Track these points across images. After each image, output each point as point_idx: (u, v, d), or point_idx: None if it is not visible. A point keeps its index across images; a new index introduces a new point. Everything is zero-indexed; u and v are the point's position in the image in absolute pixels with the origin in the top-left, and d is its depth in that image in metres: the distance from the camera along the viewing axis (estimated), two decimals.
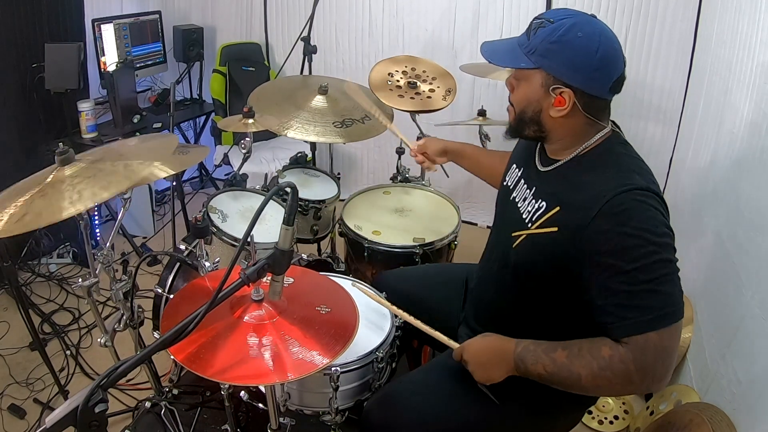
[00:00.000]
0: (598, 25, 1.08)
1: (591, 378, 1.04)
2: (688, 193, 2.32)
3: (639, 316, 0.99)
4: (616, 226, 1.01)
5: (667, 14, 2.61)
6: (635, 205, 1.02)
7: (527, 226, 1.18)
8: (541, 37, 1.08)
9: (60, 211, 1.07)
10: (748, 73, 1.79)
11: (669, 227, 1.04)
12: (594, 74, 1.07)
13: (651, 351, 0.99)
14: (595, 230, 1.03)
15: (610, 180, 1.06)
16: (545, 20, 1.09)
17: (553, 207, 1.13)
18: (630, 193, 1.02)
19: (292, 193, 0.97)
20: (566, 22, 1.07)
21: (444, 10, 3.01)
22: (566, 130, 1.15)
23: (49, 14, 2.68)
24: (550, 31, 1.07)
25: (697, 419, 1.50)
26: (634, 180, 1.05)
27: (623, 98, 3.34)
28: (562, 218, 1.11)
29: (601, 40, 1.06)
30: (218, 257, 1.63)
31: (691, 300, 2.00)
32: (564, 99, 1.09)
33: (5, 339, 2.32)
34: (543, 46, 1.08)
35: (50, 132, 2.70)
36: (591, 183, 1.08)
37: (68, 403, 0.75)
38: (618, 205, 1.02)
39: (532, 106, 1.15)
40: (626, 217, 1.01)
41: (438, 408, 1.28)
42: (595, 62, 1.06)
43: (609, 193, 1.03)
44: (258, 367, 0.98)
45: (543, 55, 1.08)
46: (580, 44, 1.05)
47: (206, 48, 3.43)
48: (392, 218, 2.02)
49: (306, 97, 2.06)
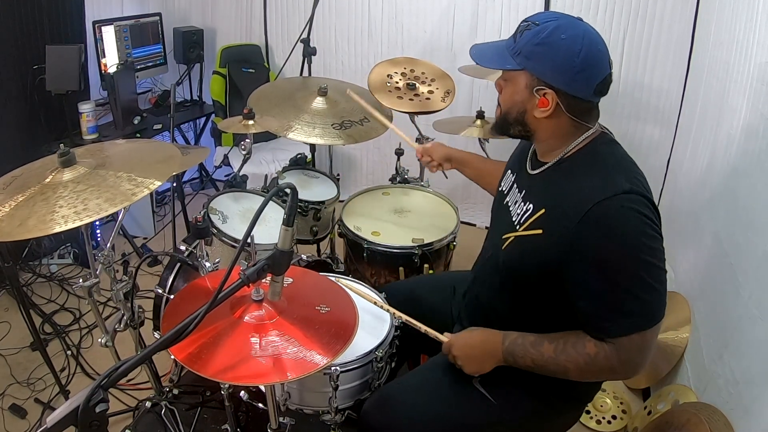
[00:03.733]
0: (582, 27, 1.10)
1: (578, 371, 1.12)
2: (685, 194, 2.33)
3: (623, 320, 1.04)
4: (599, 235, 1.03)
5: (665, 16, 2.61)
6: (618, 213, 1.03)
7: (516, 228, 1.20)
8: (526, 39, 1.10)
9: (66, 221, 1.09)
10: (745, 75, 1.80)
11: (655, 229, 1.05)
12: (577, 76, 1.08)
13: (634, 349, 1.05)
14: (578, 237, 1.05)
15: (594, 184, 1.07)
16: (531, 23, 1.11)
17: (539, 209, 1.15)
18: (613, 199, 1.03)
19: (291, 194, 0.98)
20: (550, 25, 1.08)
21: (443, 12, 3.02)
22: (550, 131, 1.16)
23: (49, 16, 2.69)
24: (535, 33, 1.09)
25: (694, 419, 1.51)
26: (617, 183, 1.05)
27: (621, 99, 3.34)
28: (547, 221, 1.13)
29: (585, 42, 1.07)
30: (218, 258, 1.63)
31: (688, 300, 2.01)
32: (547, 100, 1.10)
33: (6, 339, 2.32)
34: (527, 47, 1.10)
35: (51, 133, 2.71)
36: (575, 186, 1.10)
37: (69, 402, 0.75)
38: (601, 214, 1.03)
39: (517, 107, 1.17)
40: (608, 227, 1.03)
41: (435, 408, 1.28)
42: (578, 64, 1.06)
43: (592, 200, 1.04)
44: (258, 366, 0.99)
45: (527, 57, 1.10)
46: (563, 46, 1.07)
47: (206, 50, 3.44)
48: (391, 219, 2.03)
49: (306, 98, 2.07)
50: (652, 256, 1.03)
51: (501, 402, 1.27)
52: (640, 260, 1.02)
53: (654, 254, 1.04)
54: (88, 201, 1.13)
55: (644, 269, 1.02)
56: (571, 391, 1.28)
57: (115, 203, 1.13)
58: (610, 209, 1.03)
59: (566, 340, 1.12)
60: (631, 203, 1.04)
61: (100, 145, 1.48)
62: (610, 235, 1.03)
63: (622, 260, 1.02)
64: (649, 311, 1.04)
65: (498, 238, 1.26)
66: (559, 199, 1.12)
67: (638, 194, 1.05)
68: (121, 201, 1.14)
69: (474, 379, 1.28)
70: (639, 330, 1.04)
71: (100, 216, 1.11)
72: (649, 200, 1.07)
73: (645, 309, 1.03)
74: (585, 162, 1.14)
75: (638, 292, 1.02)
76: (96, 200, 1.14)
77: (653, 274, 1.03)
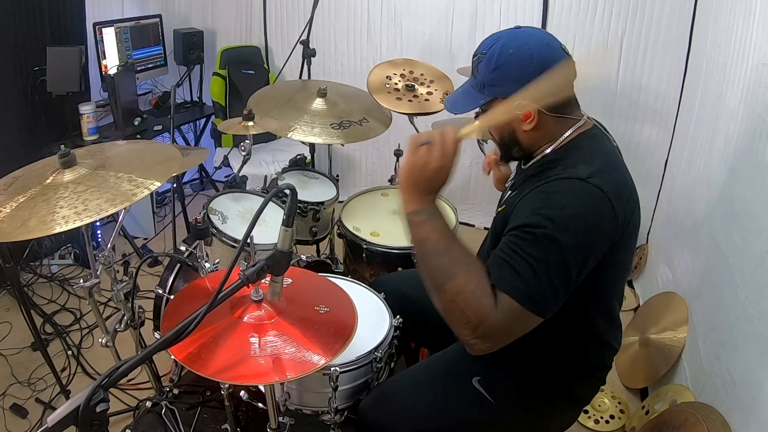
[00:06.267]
0: (524, 34, 1.14)
1: (458, 289, 1.03)
2: (682, 195, 2.34)
3: (512, 278, 1.01)
4: (537, 202, 1.07)
5: (663, 17, 2.62)
6: (562, 191, 1.06)
7: (496, 211, 1.28)
8: (483, 71, 1.15)
9: (66, 221, 1.10)
10: (742, 76, 1.81)
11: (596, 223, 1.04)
12: (539, 78, 1.10)
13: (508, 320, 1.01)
14: (521, 202, 1.10)
15: (562, 171, 1.10)
16: (480, 54, 1.16)
17: (513, 192, 1.22)
18: (565, 181, 1.07)
19: (291, 195, 0.98)
20: (496, 47, 1.12)
21: (441, 14, 3.03)
22: (542, 136, 1.19)
23: (50, 18, 2.70)
24: (487, 61, 1.13)
25: (692, 419, 1.52)
26: (577, 169, 1.08)
27: (618, 101, 3.34)
28: (511, 198, 1.18)
29: (531, 46, 1.10)
30: (218, 258, 1.64)
31: (686, 300, 2.02)
32: (529, 112, 1.13)
33: (7, 339, 2.33)
34: (487, 77, 1.14)
35: (52, 134, 2.72)
36: (546, 172, 1.14)
37: (70, 402, 0.76)
38: (548, 188, 1.08)
39: (506, 132, 1.21)
40: (547, 199, 1.06)
41: (432, 406, 1.29)
42: (535, 68, 1.09)
43: (548, 178, 1.09)
44: (258, 366, 1.00)
45: (492, 85, 1.14)
46: (515, 60, 1.10)
47: (206, 51, 3.45)
48: (390, 220, 2.03)
49: (305, 99, 2.07)
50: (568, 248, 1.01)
51: (499, 401, 1.27)
52: (554, 242, 1.00)
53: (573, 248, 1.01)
54: (88, 201, 1.14)
55: (553, 253, 1.01)
56: (569, 392, 1.29)
57: (116, 204, 1.14)
58: (558, 186, 1.07)
59: (480, 265, 1.07)
60: (581, 190, 1.05)
61: (101, 146, 1.49)
62: (545, 206, 1.04)
63: (540, 229, 1.01)
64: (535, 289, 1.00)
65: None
66: (530, 181, 1.16)
67: (594, 186, 1.04)
68: (121, 201, 1.15)
69: (472, 378, 1.29)
70: (521, 299, 1.00)
71: (100, 216, 1.12)
72: (606, 194, 1.05)
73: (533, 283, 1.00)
74: (566, 155, 1.15)
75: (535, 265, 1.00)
76: (96, 201, 1.15)
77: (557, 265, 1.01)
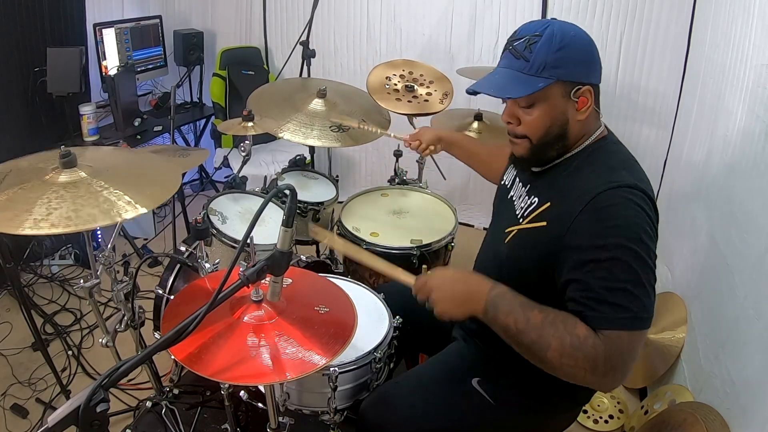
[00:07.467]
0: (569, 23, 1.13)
1: (559, 352, 1.00)
2: (682, 196, 2.34)
3: (615, 313, 0.99)
4: (600, 222, 1.03)
5: (662, 18, 2.63)
6: (621, 203, 1.03)
7: (519, 222, 1.21)
8: (543, 51, 1.07)
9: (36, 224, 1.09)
10: (741, 77, 1.81)
11: (653, 229, 1.05)
12: (597, 64, 1.13)
13: (621, 349, 0.98)
14: (578, 225, 1.05)
15: (600, 176, 1.08)
16: (530, 36, 1.09)
17: (545, 203, 1.15)
18: (617, 190, 1.04)
19: (291, 196, 0.98)
20: (552, 29, 1.08)
21: (441, 14, 3.03)
22: (583, 129, 1.15)
23: (50, 18, 2.70)
24: (547, 41, 1.07)
25: (691, 418, 1.52)
26: (622, 177, 1.06)
27: (617, 102, 3.34)
28: (551, 213, 1.12)
29: (583, 32, 1.11)
30: (218, 259, 1.64)
31: (685, 301, 2.02)
32: (586, 98, 1.11)
33: (8, 339, 2.33)
34: (550, 58, 1.07)
35: (52, 135, 2.72)
36: (582, 180, 1.10)
37: (70, 402, 0.76)
38: (603, 202, 1.04)
39: (558, 121, 1.13)
40: (610, 215, 1.02)
41: (433, 407, 1.29)
42: (594, 52, 1.11)
43: (596, 189, 1.05)
44: (257, 366, 1.00)
45: (555, 66, 1.07)
46: (579, 41, 1.10)
47: (206, 52, 3.45)
48: (390, 220, 2.04)
49: (305, 100, 2.08)
50: (648, 256, 1.02)
51: (498, 402, 1.27)
52: (636, 254, 1.00)
53: (649, 254, 1.02)
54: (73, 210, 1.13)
55: (639, 265, 1.00)
56: (568, 392, 1.28)
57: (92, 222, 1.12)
58: (613, 198, 1.03)
59: (558, 315, 1.04)
60: (635, 197, 1.04)
61: (108, 151, 1.47)
62: (611, 224, 1.01)
63: (618, 249, 1.00)
64: (639, 309, 0.99)
65: (500, 232, 1.26)
66: (565, 191, 1.11)
67: (642, 191, 1.05)
68: (102, 219, 1.14)
69: (472, 379, 1.29)
70: (628, 327, 0.98)
71: (66, 231, 1.10)
72: (652, 200, 1.07)
73: (635, 305, 0.99)
74: (593, 157, 1.14)
75: (631, 287, 0.99)
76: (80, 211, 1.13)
77: (646, 274, 1.01)
